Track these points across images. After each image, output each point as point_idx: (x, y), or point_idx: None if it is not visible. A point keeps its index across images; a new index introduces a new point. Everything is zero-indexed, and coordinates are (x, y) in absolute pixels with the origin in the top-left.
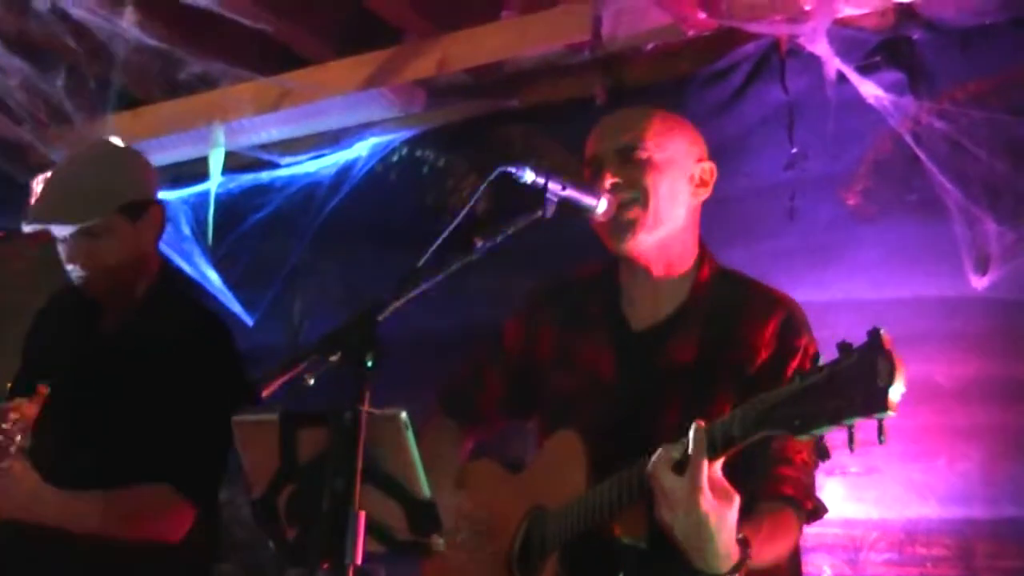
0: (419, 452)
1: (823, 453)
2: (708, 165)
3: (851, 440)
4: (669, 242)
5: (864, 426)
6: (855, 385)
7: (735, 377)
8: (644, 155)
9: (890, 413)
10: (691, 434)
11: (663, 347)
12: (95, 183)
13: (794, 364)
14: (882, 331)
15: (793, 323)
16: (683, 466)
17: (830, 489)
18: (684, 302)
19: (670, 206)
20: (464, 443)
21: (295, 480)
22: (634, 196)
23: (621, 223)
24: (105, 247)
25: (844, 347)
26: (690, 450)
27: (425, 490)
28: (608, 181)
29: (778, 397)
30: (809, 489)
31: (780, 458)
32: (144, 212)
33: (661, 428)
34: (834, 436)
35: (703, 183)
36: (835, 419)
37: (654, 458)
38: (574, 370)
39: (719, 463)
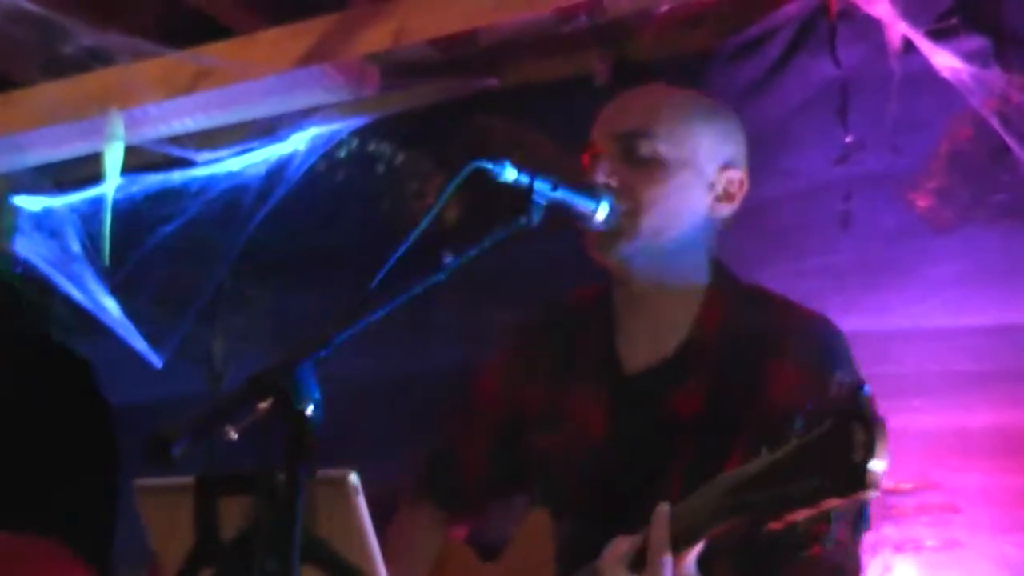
0: (387, 541)
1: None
2: (737, 175)
3: (839, 524)
4: (667, 257)
5: (944, 488)
6: (830, 459)
7: (758, 429)
8: (649, 150)
9: (872, 493)
10: (653, 519)
11: (664, 396)
12: None
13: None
14: (864, 388)
15: (829, 353)
16: (640, 562)
17: (900, 570)
18: (689, 335)
19: (675, 220)
20: (449, 530)
21: (216, 561)
22: (627, 206)
23: (605, 233)
24: None
25: (817, 411)
26: (650, 540)
27: (380, 571)
28: (600, 179)
29: (743, 475)
30: (850, 572)
31: (808, 536)
32: None
33: (659, 502)
34: (900, 500)
35: (727, 196)
36: (810, 502)
37: (605, 552)
38: (562, 427)
39: (691, 557)
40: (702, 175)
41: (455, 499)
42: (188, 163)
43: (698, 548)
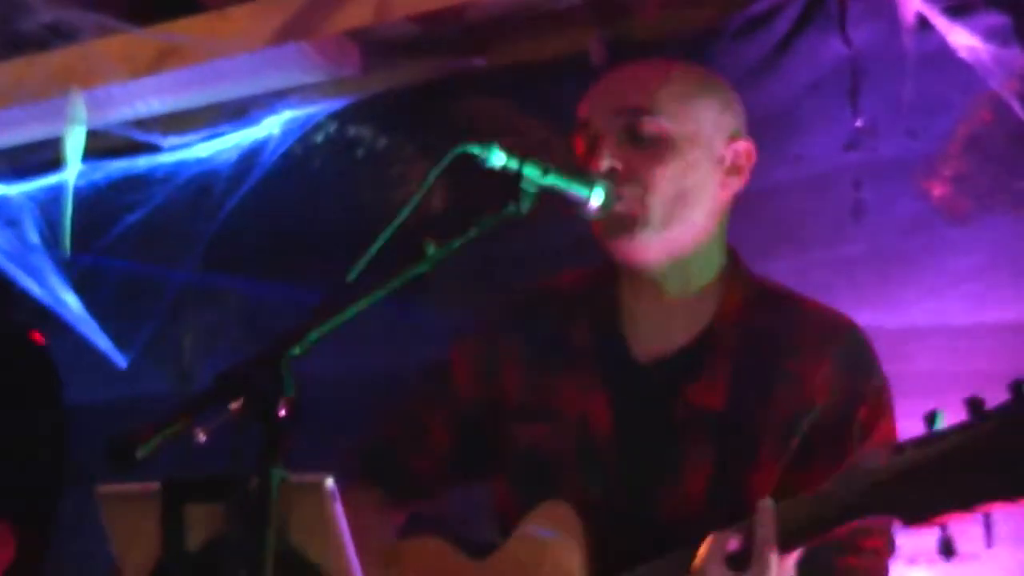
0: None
1: (948, 549)
2: (744, 145)
3: (989, 531)
4: (683, 246)
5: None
6: (994, 459)
7: (784, 432)
8: (654, 128)
9: None
10: (756, 515)
11: (681, 386)
12: None
13: (862, 414)
14: None
15: (859, 357)
16: (744, 560)
17: None
18: (708, 327)
19: (685, 202)
20: (392, 516)
21: (183, 571)
22: (634, 190)
23: (615, 219)
24: None
25: (976, 407)
26: (755, 537)
27: None
28: (604, 163)
29: (887, 471)
30: None
31: (845, 545)
32: None
33: (681, 502)
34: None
35: (736, 169)
36: (968, 503)
37: (703, 549)
38: (554, 418)
39: (792, 558)
40: (710, 150)
41: (403, 485)
42: (154, 148)
43: (800, 548)
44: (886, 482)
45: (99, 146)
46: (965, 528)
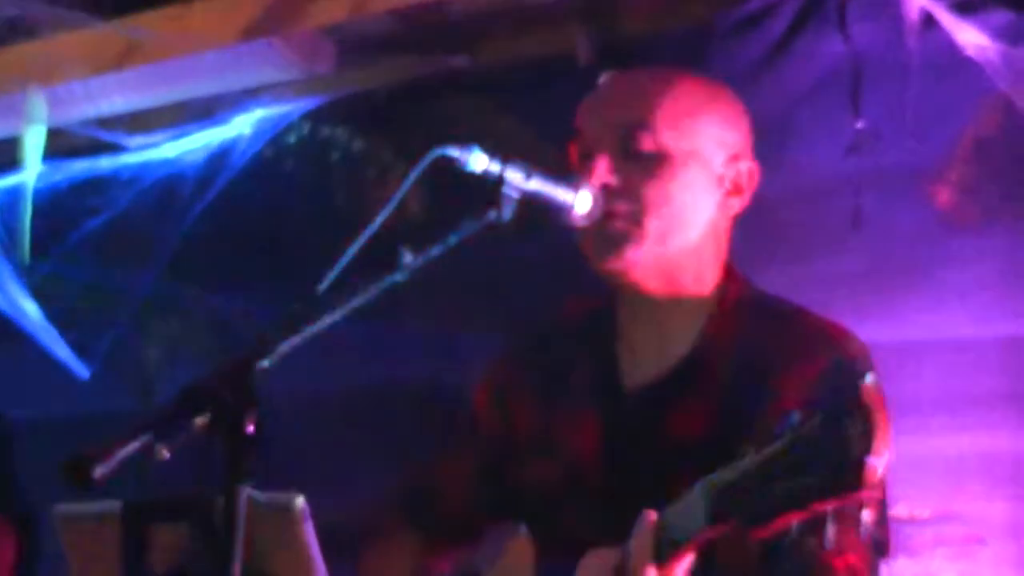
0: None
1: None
2: (747, 165)
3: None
4: (676, 266)
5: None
6: (822, 455)
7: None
8: (651, 144)
9: (869, 492)
10: (637, 526)
11: (663, 415)
12: None
13: None
14: (867, 379)
15: (843, 371)
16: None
17: None
18: (697, 348)
19: (680, 220)
20: (430, 560)
21: None
22: (628, 207)
23: (606, 235)
24: None
25: (812, 404)
26: (631, 551)
27: None
28: (598, 180)
29: (728, 477)
30: None
31: (816, 565)
32: None
33: None
34: (917, 530)
35: (736, 190)
36: (799, 503)
37: (581, 563)
38: (552, 452)
39: (679, 569)
40: (709, 168)
41: (440, 529)
42: (118, 148)
43: (687, 560)
44: (724, 489)
45: (60, 146)
46: (972, 552)
